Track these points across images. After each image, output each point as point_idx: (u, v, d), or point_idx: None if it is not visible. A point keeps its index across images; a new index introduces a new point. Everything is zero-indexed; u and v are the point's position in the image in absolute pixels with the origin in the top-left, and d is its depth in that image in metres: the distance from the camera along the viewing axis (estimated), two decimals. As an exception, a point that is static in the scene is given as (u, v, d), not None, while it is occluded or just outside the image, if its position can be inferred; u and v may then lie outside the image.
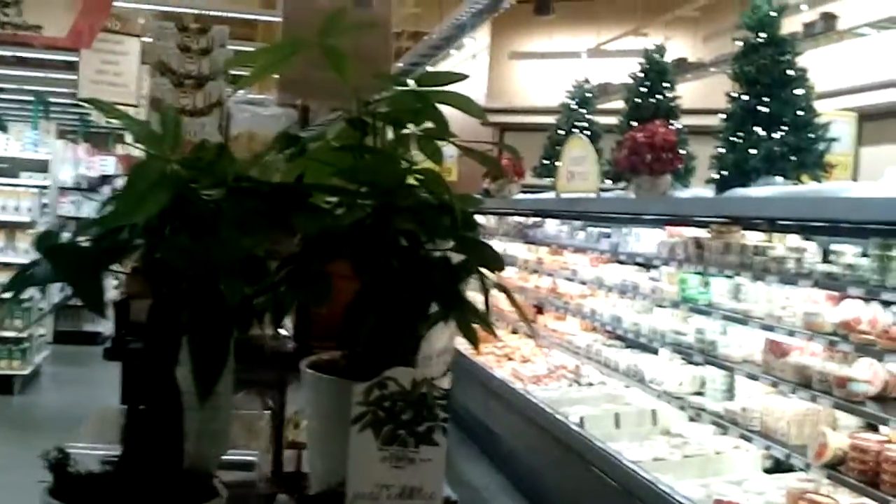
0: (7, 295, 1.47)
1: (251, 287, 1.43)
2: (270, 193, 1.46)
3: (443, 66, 13.48)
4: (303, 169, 1.53)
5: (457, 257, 1.51)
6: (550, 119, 12.01)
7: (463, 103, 1.64)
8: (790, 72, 6.62)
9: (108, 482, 1.49)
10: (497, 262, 1.56)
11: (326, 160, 1.55)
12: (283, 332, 2.56)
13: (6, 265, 10.88)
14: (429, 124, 1.65)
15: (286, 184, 1.48)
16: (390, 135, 1.64)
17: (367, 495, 1.41)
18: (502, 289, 1.61)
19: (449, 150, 1.67)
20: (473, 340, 1.56)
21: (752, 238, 6.26)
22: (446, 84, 1.61)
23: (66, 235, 1.42)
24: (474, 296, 1.64)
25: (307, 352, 2.51)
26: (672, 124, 7.92)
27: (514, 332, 9.96)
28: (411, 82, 1.63)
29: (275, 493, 1.92)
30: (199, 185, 1.42)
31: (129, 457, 1.49)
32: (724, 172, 6.76)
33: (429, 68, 11.77)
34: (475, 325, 1.60)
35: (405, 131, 1.65)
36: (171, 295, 1.44)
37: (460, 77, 1.64)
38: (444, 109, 1.64)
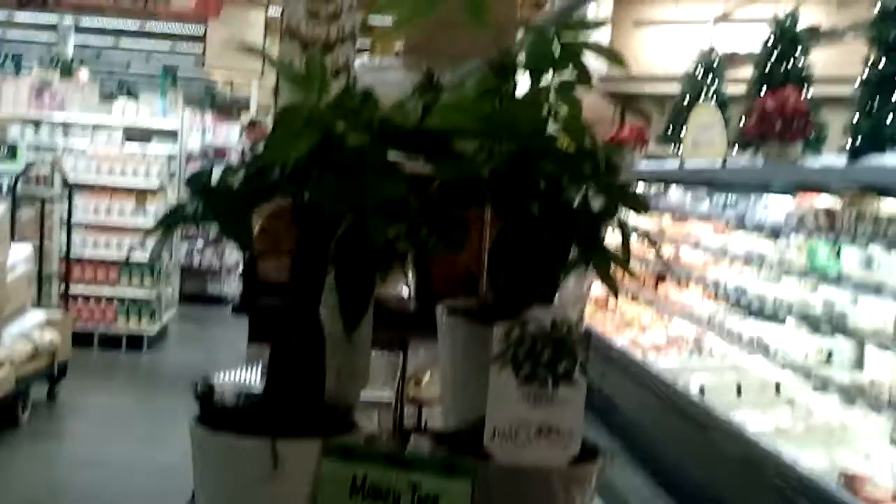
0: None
1: (393, 229, 1.46)
2: (412, 138, 1.48)
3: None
4: (443, 116, 1.55)
5: (598, 202, 1.51)
6: (674, 88, 11.79)
7: (605, 52, 1.63)
8: (931, 36, 6.36)
9: (251, 412, 1.54)
10: (642, 205, 1.55)
11: (466, 107, 1.56)
12: (404, 293, 2.60)
13: (136, 229, 11.26)
14: (567, 75, 1.64)
15: (427, 129, 1.49)
16: (527, 84, 1.64)
17: (505, 432, 1.43)
18: (645, 235, 1.60)
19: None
20: (612, 286, 1.56)
21: (887, 207, 6.07)
22: (586, 30, 1.61)
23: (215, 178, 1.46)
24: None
25: (429, 312, 2.56)
26: (804, 91, 7.69)
27: (634, 299, 9.86)
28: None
29: (409, 432, 1.96)
30: (345, 129, 1.45)
31: (273, 389, 1.54)
32: (859, 140, 6.53)
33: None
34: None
35: (543, 82, 1.65)
36: (317, 235, 1.47)
37: (600, 23, 1.63)
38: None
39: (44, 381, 8.63)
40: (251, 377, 2.92)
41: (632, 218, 1.66)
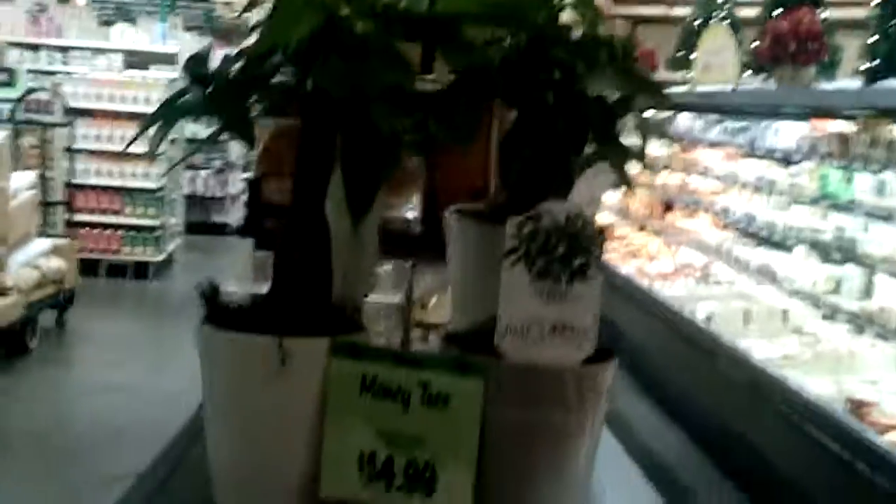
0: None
1: (400, 123, 1.40)
2: (419, 24, 1.42)
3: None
4: (451, 1, 1.48)
5: (614, 93, 1.45)
6: (685, 11, 11.62)
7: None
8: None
9: (258, 311, 1.50)
10: (660, 96, 1.49)
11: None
12: (409, 216, 2.55)
13: (139, 155, 11.18)
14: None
15: (435, 14, 1.43)
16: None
17: (518, 329, 1.39)
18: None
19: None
20: (627, 182, 1.51)
21: (902, 132, 5.98)
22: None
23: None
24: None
25: (435, 234, 2.51)
26: (818, 13, 7.54)
27: (641, 228, 9.81)
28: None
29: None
30: (349, 13, 1.38)
31: (279, 288, 1.50)
32: (876, 62, 6.41)
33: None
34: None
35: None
36: (321, 127, 1.42)
37: None
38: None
39: (52, 308, 8.65)
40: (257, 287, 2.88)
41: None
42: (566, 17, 1.54)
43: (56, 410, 6.97)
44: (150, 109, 8.83)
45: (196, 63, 1.39)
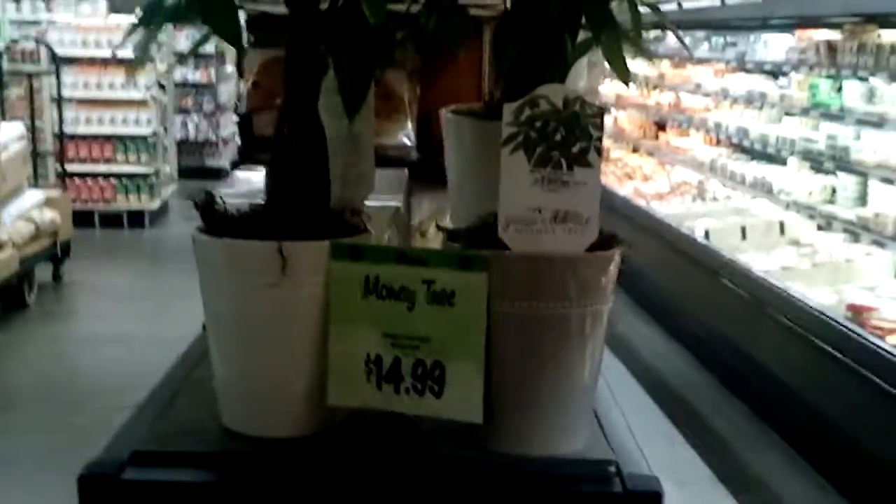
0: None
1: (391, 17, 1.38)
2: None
3: None
4: None
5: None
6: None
7: None
8: None
9: (255, 218, 1.49)
10: (653, -28, 1.47)
11: None
12: (406, 141, 2.53)
13: (128, 102, 11.09)
14: None
15: None
16: None
17: (520, 218, 1.38)
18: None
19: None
20: (623, 70, 1.49)
21: (889, 37, 5.94)
22: None
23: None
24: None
25: (431, 160, 2.49)
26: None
27: (635, 150, 9.79)
28: None
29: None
30: None
31: (276, 194, 1.48)
32: (861, -31, 6.35)
33: None
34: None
35: None
36: (309, 24, 1.39)
37: None
38: None
39: (48, 261, 8.62)
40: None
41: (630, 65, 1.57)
42: None
43: (58, 364, 6.96)
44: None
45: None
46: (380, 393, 1.49)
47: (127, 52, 11.04)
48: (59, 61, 10.23)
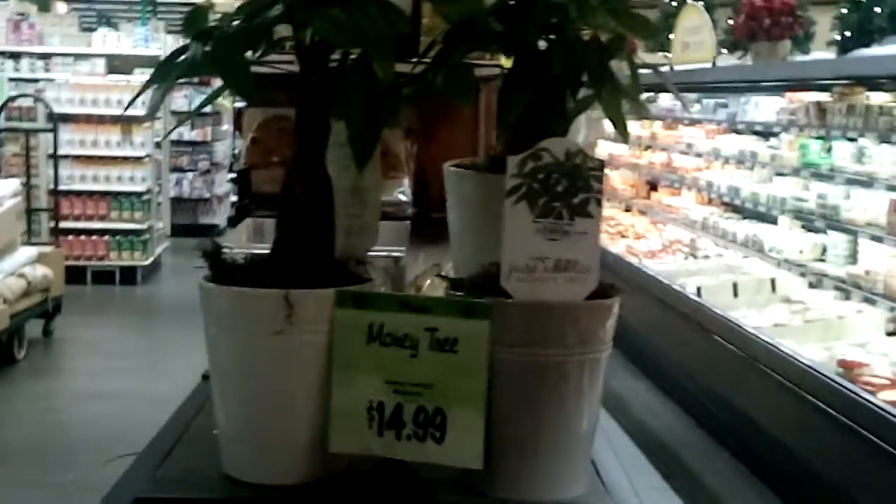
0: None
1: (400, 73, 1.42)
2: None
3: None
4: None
5: (607, 34, 1.47)
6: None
7: None
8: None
9: (261, 267, 1.52)
10: (650, 31, 1.52)
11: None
12: (402, 198, 2.58)
13: (124, 158, 11.15)
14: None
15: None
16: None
17: (523, 268, 1.41)
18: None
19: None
20: (622, 126, 1.53)
21: (877, 99, 6.04)
22: None
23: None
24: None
25: (426, 216, 2.53)
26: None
27: (628, 209, 9.86)
28: None
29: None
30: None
31: (282, 243, 1.52)
32: (847, 33, 6.49)
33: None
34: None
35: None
36: (319, 80, 1.44)
37: None
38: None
39: (39, 317, 8.60)
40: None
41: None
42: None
43: (47, 419, 6.91)
44: (134, 111, 8.67)
45: (195, 20, 1.40)
46: (381, 439, 1.51)
47: (129, 110, 11.17)
48: (56, 119, 10.31)
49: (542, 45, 1.48)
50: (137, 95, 1.47)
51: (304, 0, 1.35)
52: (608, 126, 1.59)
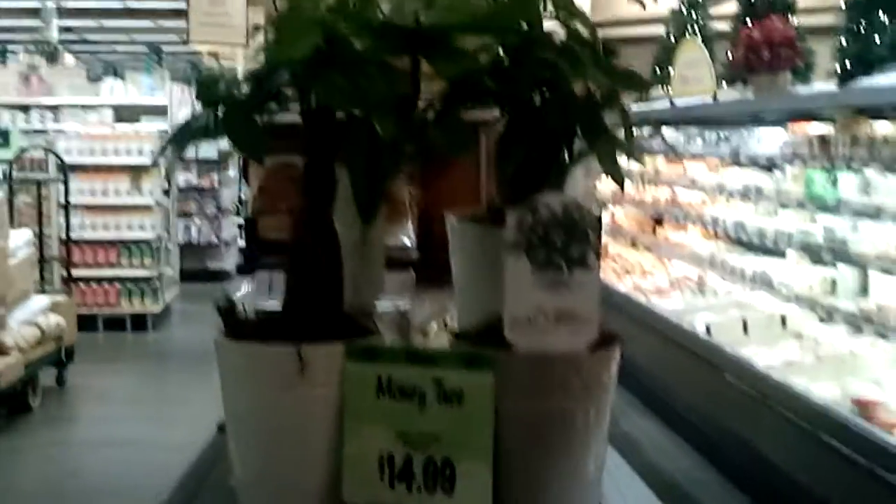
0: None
1: (401, 131, 1.47)
2: (411, 37, 1.49)
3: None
4: (439, 13, 1.55)
5: (600, 89, 1.52)
6: (659, 30, 11.72)
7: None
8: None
9: (273, 322, 1.56)
10: (643, 85, 1.56)
11: (461, 4, 1.56)
12: (406, 242, 2.62)
13: (133, 207, 11.28)
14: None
15: (427, 27, 1.50)
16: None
17: (524, 319, 1.44)
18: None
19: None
20: (618, 175, 1.57)
21: (881, 129, 6.05)
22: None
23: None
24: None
25: (430, 261, 2.57)
26: (789, 19, 7.65)
27: (633, 245, 9.88)
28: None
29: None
30: (346, 30, 1.45)
31: (293, 297, 1.56)
32: (847, 63, 6.50)
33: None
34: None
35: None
36: (324, 141, 1.48)
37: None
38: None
39: (52, 366, 8.66)
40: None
41: (626, 163, 1.66)
42: (549, 24, 1.61)
43: (62, 468, 6.95)
44: (143, 160, 8.89)
45: (207, 87, 1.46)
46: (392, 491, 1.54)
47: (136, 160, 11.32)
48: (66, 169, 10.44)
49: (537, 99, 1.53)
50: (160, 153, 1.53)
51: (306, 66, 1.40)
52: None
